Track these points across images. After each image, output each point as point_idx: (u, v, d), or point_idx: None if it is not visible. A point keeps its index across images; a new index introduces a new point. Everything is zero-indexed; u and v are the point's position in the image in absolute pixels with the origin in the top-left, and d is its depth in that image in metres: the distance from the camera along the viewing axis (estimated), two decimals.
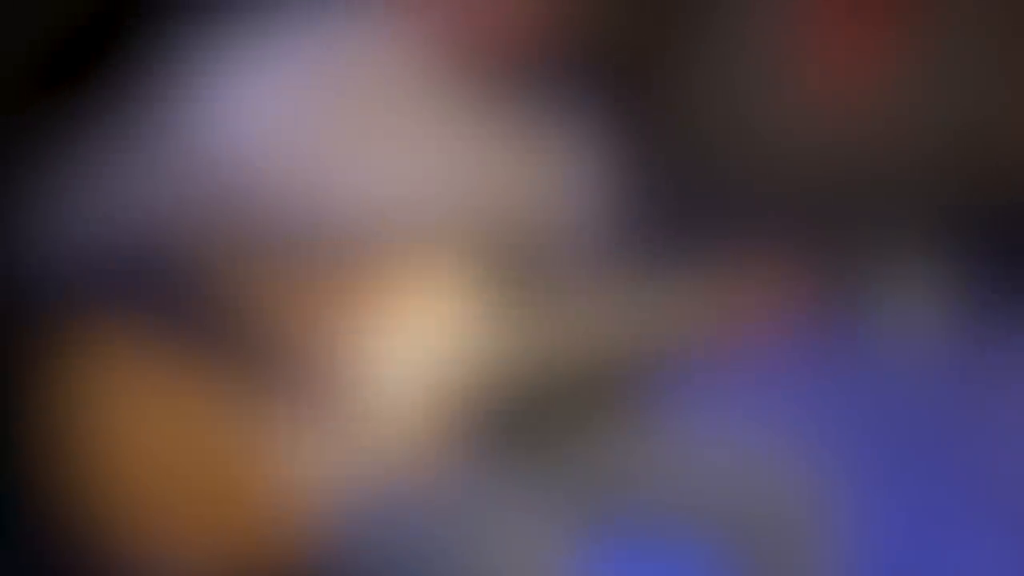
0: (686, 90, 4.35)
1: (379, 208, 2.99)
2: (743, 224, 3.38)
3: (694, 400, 3.40)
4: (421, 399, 2.93)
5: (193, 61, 3.07)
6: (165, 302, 2.98)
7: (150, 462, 3.04)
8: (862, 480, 3.35)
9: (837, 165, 3.70)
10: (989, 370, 3.42)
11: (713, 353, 2.96)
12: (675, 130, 4.41)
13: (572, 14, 2.94)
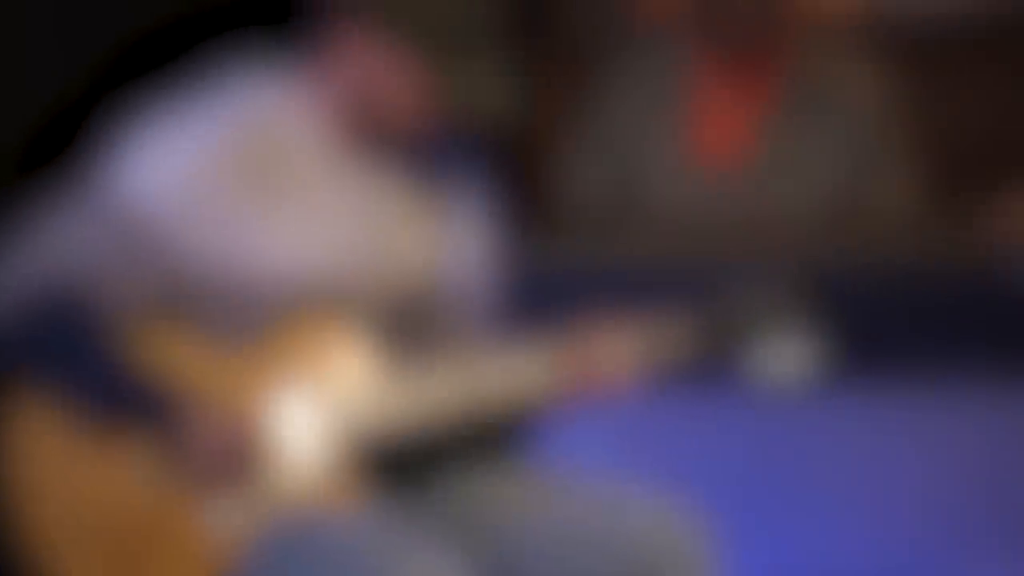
0: (572, 163, 4.33)
1: (284, 270, 2.89)
2: (621, 285, 3.37)
3: (566, 447, 3.38)
4: (323, 449, 2.87)
5: (118, 129, 3.00)
6: (79, 363, 2.89)
7: (71, 520, 2.92)
8: (727, 516, 3.33)
9: (714, 229, 3.70)
10: (851, 415, 3.44)
11: (584, 404, 2.96)
12: (560, 200, 4.37)
13: (470, 90, 2.93)
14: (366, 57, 2.91)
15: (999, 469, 3.33)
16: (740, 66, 3.90)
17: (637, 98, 3.95)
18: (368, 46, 2.90)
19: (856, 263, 3.36)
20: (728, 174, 3.90)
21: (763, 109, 3.89)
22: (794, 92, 3.89)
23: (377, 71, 2.91)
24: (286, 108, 2.95)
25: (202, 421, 2.86)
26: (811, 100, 3.89)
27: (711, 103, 3.91)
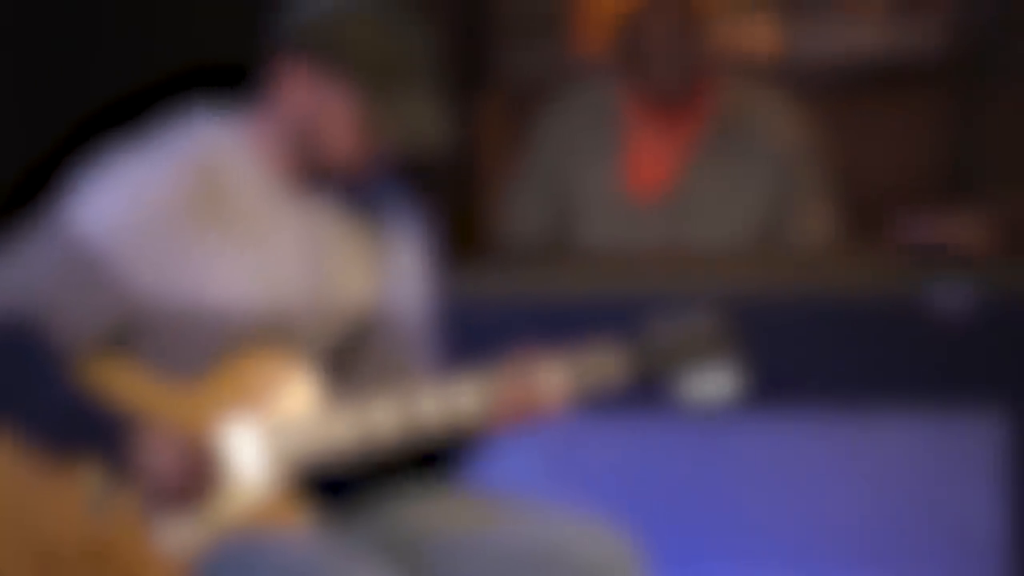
0: (510, 197, 4.31)
1: (231, 303, 2.87)
2: (554, 315, 3.36)
3: (501, 470, 3.37)
4: (269, 473, 2.84)
5: (78, 170, 2.96)
6: (33, 390, 2.84)
7: (19, 546, 2.88)
8: (654, 537, 3.31)
9: (643, 261, 3.69)
10: (771, 439, 3.43)
11: (517, 430, 2.95)
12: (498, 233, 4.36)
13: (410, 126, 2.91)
14: (308, 95, 2.86)
15: (918, 492, 3.32)
16: (666, 107, 3.90)
17: (572, 136, 3.95)
18: (310, 84, 2.86)
19: (777, 293, 3.35)
20: (656, 208, 3.89)
21: (688, 147, 3.89)
22: (717, 131, 3.89)
23: (318, 108, 2.86)
24: (232, 146, 2.91)
25: (155, 447, 2.81)
26: (733, 138, 3.90)
27: (640, 141, 3.91)
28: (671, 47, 3.82)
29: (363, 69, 2.84)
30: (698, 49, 3.82)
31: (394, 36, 2.85)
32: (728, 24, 4.29)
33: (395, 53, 2.84)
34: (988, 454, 3.30)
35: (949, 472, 3.31)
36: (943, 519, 3.32)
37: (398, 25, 2.85)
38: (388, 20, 2.85)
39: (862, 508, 3.33)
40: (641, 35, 3.83)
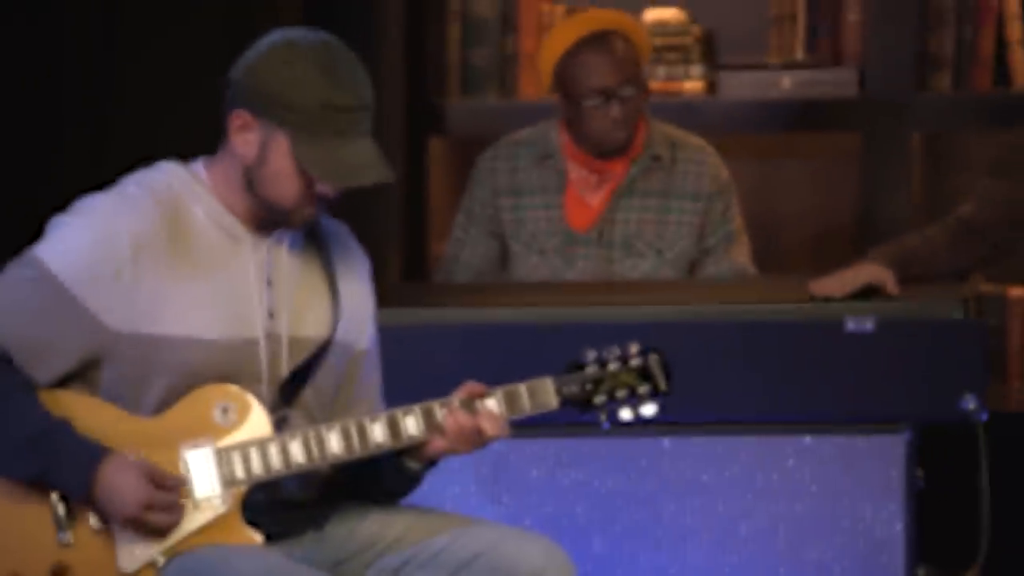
0: (457, 234, 4.27)
1: (189, 336, 2.83)
2: (495, 343, 3.34)
3: (443, 489, 3.35)
4: (225, 493, 2.82)
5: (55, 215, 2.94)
6: (3, 417, 2.82)
7: None
8: (586, 548, 3.30)
9: (578, 293, 3.67)
10: (694, 458, 3.41)
11: (458, 452, 2.93)
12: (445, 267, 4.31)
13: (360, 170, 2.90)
14: (255, 144, 2.86)
15: (830, 500, 3.31)
16: (601, 156, 3.89)
17: (514, 176, 3.94)
18: (256, 135, 2.85)
19: (700, 320, 3.34)
20: (590, 242, 3.89)
21: (619, 186, 3.89)
22: (646, 170, 3.89)
23: (263, 156, 2.85)
24: (194, 192, 2.90)
25: (118, 472, 2.79)
26: (661, 177, 3.89)
27: (576, 181, 3.91)
28: (608, 126, 3.83)
29: (300, 119, 2.83)
30: (630, 112, 3.83)
31: (328, 87, 2.83)
32: (660, 70, 4.30)
33: (330, 104, 2.82)
34: (891, 466, 3.28)
35: (857, 482, 3.30)
36: (849, 534, 3.31)
37: (332, 76, 2.83)
38: (326, 74, 2.83)
39: (777, 520, 3.32)
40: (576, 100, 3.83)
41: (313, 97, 2.81)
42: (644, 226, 3.85)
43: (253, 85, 2.84)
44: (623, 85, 3.77)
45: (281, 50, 2.84)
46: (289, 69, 2.82)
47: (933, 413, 3.29)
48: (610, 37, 3.80)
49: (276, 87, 2.83)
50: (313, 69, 2.82)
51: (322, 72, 2.82)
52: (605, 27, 3.82)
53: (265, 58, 2.84)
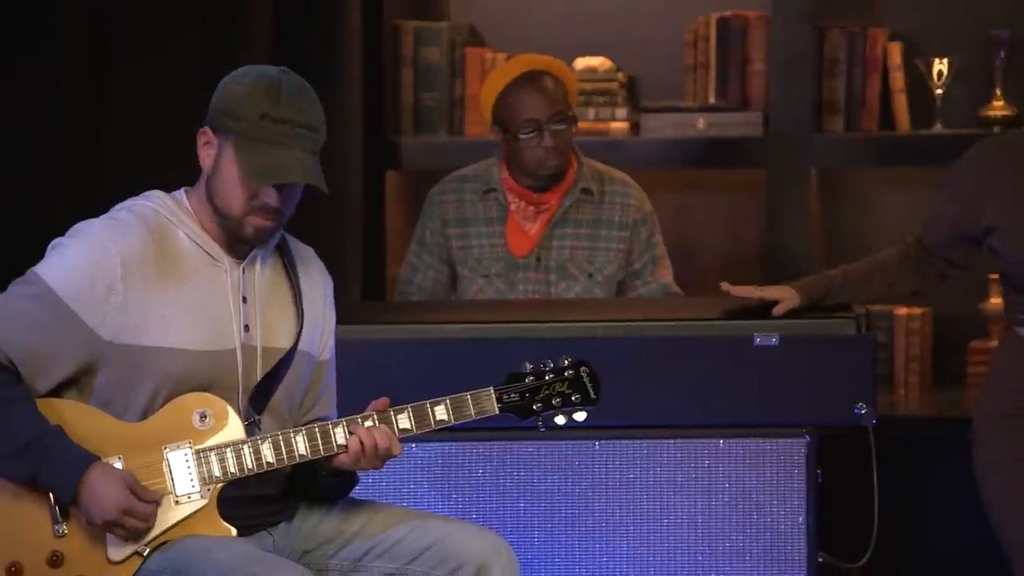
0: (411, 259, 4.21)
1: (171, 347, 2.81)
2: (443, 356, 3.31)
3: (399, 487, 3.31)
4: (202, 490, 2.80)
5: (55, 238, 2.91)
6: (3, 422, 2.79)
7: None
8: (526, 538, 3.27)
9: (516, 311, 3.65)
10: (620, 457, 3.39)
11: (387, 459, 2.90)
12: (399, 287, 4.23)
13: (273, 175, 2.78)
14: (211, 158, 2.84)
15: (741, 495, 3.30)
16: (537, 188, 3.88)
17: (462, 207, 3.93)
18: (214, 150, 2.84)
19: (626, 336, 3.33)
20: (528, 266, 3.88)
21: (554, 215, 3.88)
22: (578, 201, 3.88)
23: (216, 167, 2.83)
24: (177, 216, 2.88)
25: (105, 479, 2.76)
26: (590, 207, 3.88)
27: (516, 211, 3.89)
28: (541, 156, 3.81)
29: (241, 127, 2.80)
30: (561, 144, 3.81)
31: (267, 101, 2.80)
32: (589, 112, 4.29)
33: (268, 115, 2.79)
34: (794, 466, 3.26)
35: (765, 480, 3.27)
36: (757, 527, 3.28)
37: (274, 93, 2.81)
38: (270, 92, 2.81)
39: (694, 515, 3.29)
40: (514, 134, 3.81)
41: (255, 108, 2.80)
42: (576, 252, 3.84)
43: (213, 104, 2.85)
44: (553, 118, 3.76)
45: (238, 75, 2.85)
46: (240, 87, 2.82)
47: (830, 418, 3.27)
48: (541, 76, 3.78)
49: (227, 102, 2.82)
50: (260, 87, 2.81)
51: (267, 89, 2.81)
52: (537, 68, 3.80)
53: (225, 83, 2.85)
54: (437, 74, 4.38)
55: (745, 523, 3.28)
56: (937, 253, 3.21)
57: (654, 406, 3.29)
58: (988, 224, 3.12)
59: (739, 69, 4.29)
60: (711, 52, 4.29)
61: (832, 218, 4.33)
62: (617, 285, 3.85)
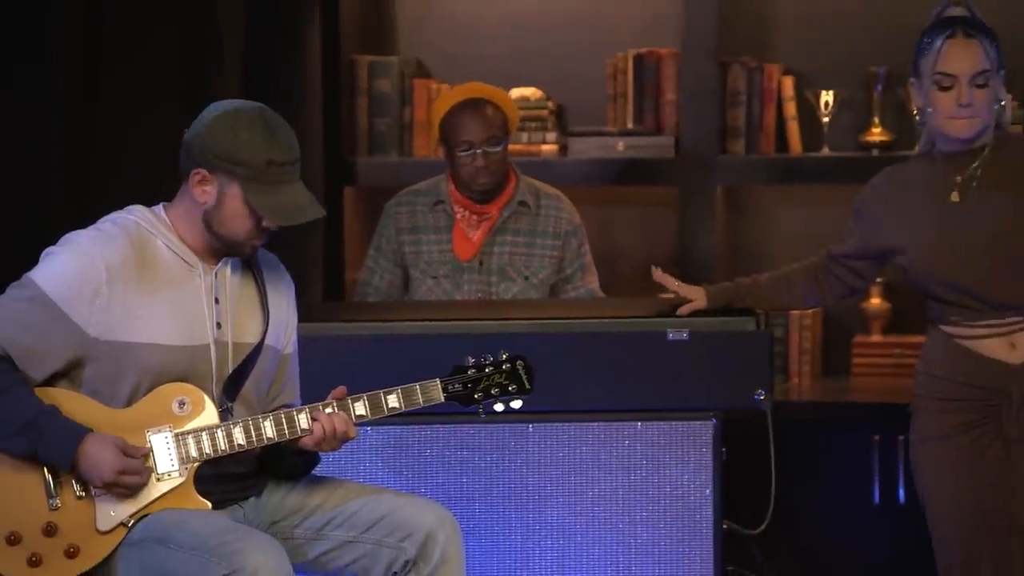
0: (368, 264, 4.17)
1: (154, 343, 2.80)
2: (395, 351, 3.29)
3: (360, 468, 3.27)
4: (181, 468, 2.80)
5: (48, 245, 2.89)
6: (6, 404, 2.76)
7: None
8: (469, 515, 3.24)
9: (461, 310, 3.62)
10: (552, 440, 3.37)
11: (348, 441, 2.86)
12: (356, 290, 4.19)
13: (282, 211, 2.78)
14: (212, 194, 2.83)
15: (655, 473, 3.29)
16: (479, 201, 3.87)
17: (414, 219, 3.90)
18: (213, 186, 2.82)
19: (557, 332, 3.32)
20: (472, 270, 3.86)
21: (494, 226, 3.86)
22: (515, 214, 3.87)
23: (220, 202, 2.83)
24: (158, 229, 2.87)
25: (97, 447, 2.76)
26: (526, 219, 3.87)
27: (461, 222, 3.87)
28: (473, 172, 3.79)
29: (249, 173, 2.81)
30: (492, 164, 3.80)
31: (269, 147, 2.82)
32: (523, 136, 4.28)
33: (270, 159, 2.81)
34: (703, 445, 3.26)
35: (677, 458, 3.27)
36: (670, 499, 3.29)
37: (272, 138, 2.82)
38: (266, 137, 2.82)
39: (615, 488, 3.28)
40: (456, 152, 3.80)
41: (259, 156, 2.81)
42: (514, 257, 3.83)
43: (208, 148, 2.82)
44: (486, 141, 3.74)
45: (227, 118, 2.82)
46: (235, 134, 2.81)
47: (733, 404, 3.27)
48: (483, 104, 3.76)
49: (227, 149, 2.81)
50: (257, 134, 2.81)
51: (263, 135, 2.81)
52: (480, 96, 3.78)
53: (215, 126, 2.82)
54: (389, 102, 4.36)
55: (659, 495, 3.27)
56: (845, 263, 3.15)
57: (581, 393, 3.28)
58: (891, 246, 3.08)
59: (653, 99, 4.30)
60: (629, 84, 4.29)
61: (735, 229, 4.34)
62: (550, 288, 3.84)
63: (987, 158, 3.01)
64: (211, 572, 2.70)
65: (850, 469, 3.14)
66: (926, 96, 3.01)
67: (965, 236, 2.99)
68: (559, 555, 3.29)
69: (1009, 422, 2.98)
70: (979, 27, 3.00)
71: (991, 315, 2.99)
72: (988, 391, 3.00)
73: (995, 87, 2.99)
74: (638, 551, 3.27)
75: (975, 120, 2.98)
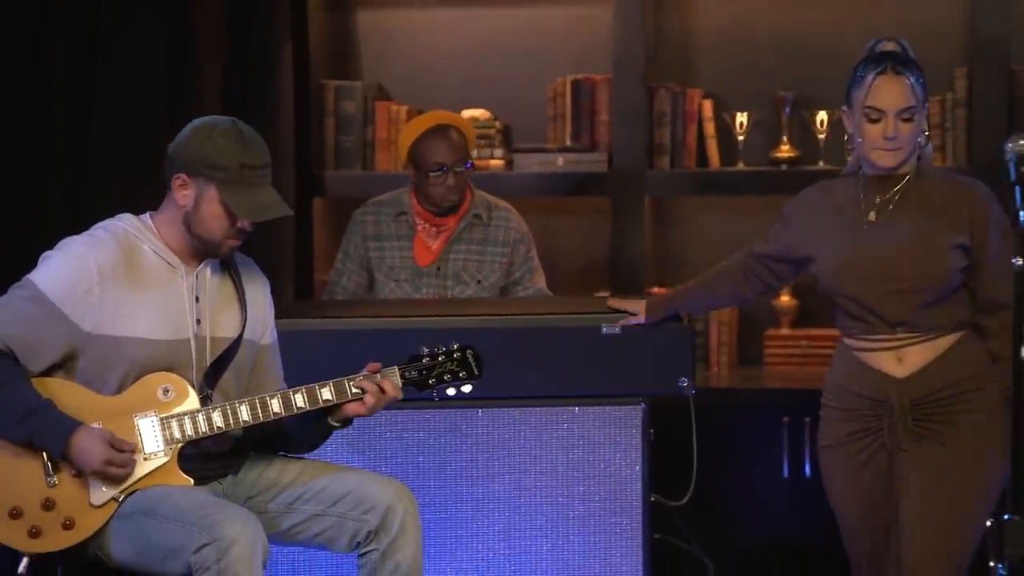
0: (337, 267, 4.14)
1: (140, 338, 2.78)
2: (361, 344, 3.25)
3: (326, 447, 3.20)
4: (166, 448, 2.78)
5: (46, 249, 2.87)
6: (6, 395, 2.74)
7: None
8: (426, 492, 3.23)
9: (420, 308, 3.60)
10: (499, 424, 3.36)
11: None
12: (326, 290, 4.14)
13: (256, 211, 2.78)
14: (191, 198, 2.83)
15: (590, 455, 3.29)
16: (439, 214, 3.85)
17: (378, 227, 3.88)
18: (193, 191, 2.82)
19: (507, 327, 3.31)
20: (431, 274, 3.84)
21: (451, 234, 3.85)
22: (469, 224, 3.86)
23: (198, 205, 2.82)
24: (144, 234, 2.86)
25: (87, 438, 2.74)
26: (479, 228, 3.86)
27: (421, 231, 3.86)
28: (445, 191, 3.77)
29: (225, 176, 2.81)
30: (460, 183, 3.79)
31: (242, 153, 2.81)
32: (473, 152, 4.28)
33: (243, 163, 2.80)
34: (633, 427, 3.27)
35: (610, 439, 3.28)
36: (604, 475, 3.30)
37: (244, 145, 2.82)
38: (239, 143, 2.82)
39: (555, 466, 3.29)
40: (422, 172, 3.78)
41: (233, 160, 2.80)
42: (468, 264, 3.82)
43: (188, 154, 2.82)
44: (456, 163, 3.73)
45: (204, 128, 2.82)
46: (212, 142, 2.81)
47: (660, 390, 3.28)
48: (449, 129, 3.75)
49: (204, 154, 2.81)
50: (231, 141, 2.81)
51: (237, 142, 2.81)
52: (446, 122, 3.77)
53: (194, 135, 2.82)
54: (353, 122, 4.34)
55: (594, 472, 3.28)
56: (765, 263, 3.11)
57: (524, 382, 3.28)
58: (808, 255, 3.03)
59: (589, 119, 4.30)
60: (567, 106, 4.30)
61: (661, 235, 4.35)
62: (500, 290, 3.84)
63: (907, 185, 2.96)
64: (193, 541, 2.68)
65: (762, 447, 3.15)
66: (856, 126, 2.95)
67: (871, 255, 2.95)
68: (505, 525, 3.29)
69: (891, 432, 2.93)
70: (908, 64, 2.94)
71: (886, 330, 2.94)
72: (874, 401, 2.95)
73: (919, 121, 2.93)
74: (576, 521, 3.27)
75: (899, 152, 2.93)
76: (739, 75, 4.27)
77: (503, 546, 3.28)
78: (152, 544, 2.73)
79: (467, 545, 3.29)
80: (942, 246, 2.92)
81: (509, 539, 3.28)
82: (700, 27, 4.29)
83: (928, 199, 2.97)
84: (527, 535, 3.27)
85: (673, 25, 4.30)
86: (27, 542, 2.76)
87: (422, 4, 4.36)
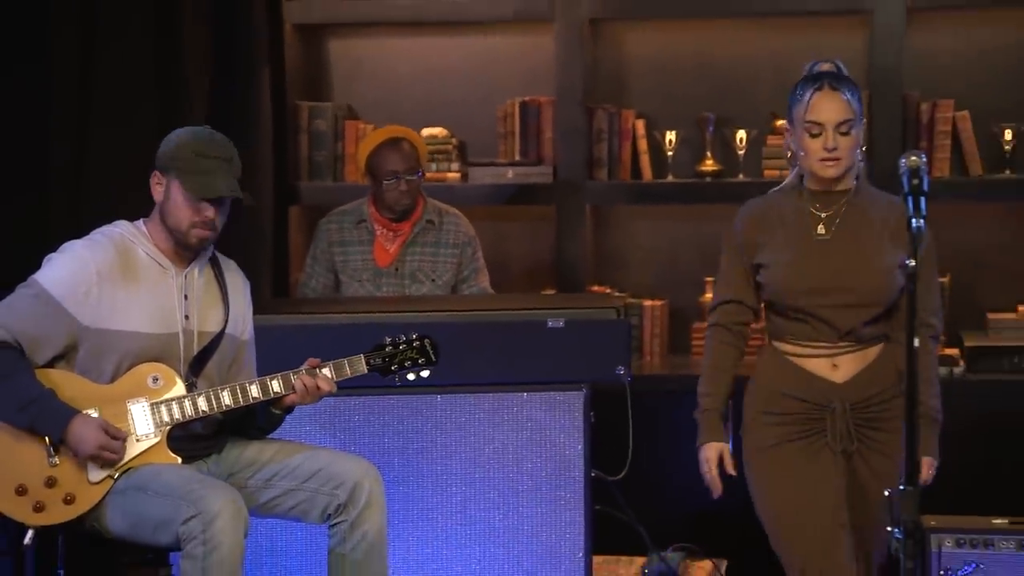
0: (307, 269, 4.11)
1: (134, 332, 2.78)
2: (330, 336, 3.25)
3: (299, 428, 3.22)
4: (155, 430, 2.77)
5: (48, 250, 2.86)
6: (9, 384, 2.72)
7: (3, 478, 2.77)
8: (389, 471, 3.22)
9: (382, 304, 3.59)
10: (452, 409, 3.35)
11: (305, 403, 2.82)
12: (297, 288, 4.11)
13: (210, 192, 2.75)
14: (163, 193, 2.82)
15: (537, 438, 3.29)
16: (395, 220, 3.84)
17: (342, 233, 3.87)
18: (164, 187, 2.82)
19: (459, 321, 3.31)
20: (389, 274, 3.83)
21: (407, 239, 3.85)
22: (424, 229, 3.86)
23: (168, 199, 2.81)
24: (137, 237, 2.85)
25: (83, 425, 2.73)
26: (433, 233, 3.86)
27: (381, 235, 3.85)
28: (398, 196, 3.77)
29: (182, 164, 2.80)
30: (412, 189, 3.79)
31: (197, 144, 2.81)
32: (432, 166, 4.27)
33: (197, 151, 2.80)
34: (575, 411, 3.28)
35: (555, 421, 3.29)
36: (550, 453, 3.30)
37: (203, 139, 2.81)
38: (197, 138, 2.81)
39: (507, 445, 3.29)
40: (378, 181, 3.78)
41: (189, 150, 2.80)
42: (423, 264, 3.82)
43: (159, 155, 2.84)
44: (407, 171, 3.73)
45: (175, 132, 2.85)
46: (177, 139, 2.83)
47: (600, 377, 3.28)
48: (401, 141, 3.75)
49: (168, 150, 2.82)
50: (191, 137, 2.82)
51: (195, 137, 2.82)
52: (399, 135, 3.77)
53: (166, 140, 2.84)
54: (325, 139, 4.33)
55: (541, 451, 3.29)
56: (740, 302, 2.93)
57: (478, 370, 3.28)
58: (759, 261, 2.92)
59: (535, 136, 4.31)
60: (516, 124, 4.30)
61: (600, 239, 4.36)
62: (451, 288, 3.84)
63: (849, 200, 2.88)
64: (181, 513, 2.68)
65: (691, 427, 3.16)
66: (798, 142, 2.86)
67: (820, 268, 2.85)
68: (462, 499, 3.29)
69: (833, 435, 2.83)
70: (844, 81, 2.87)
71: (831, 339, 2.85)
72: (812, 405, 2.86)
73: (857, 135, 2.86)
74: (525, 495, 3.28)
75: (840, 163, 2.84)
76: (668, 98, 4.30)
77: (460, 517, 3.29)
78: (144, 517, 2.72)
79: (427, 517, 3.29)
80: (892, 265, 2.84)
81: (465, 511, 3.28)
82: (633, 55, 4.31)
83: (871, 216, 2.88)
84: (481, 507, 3.28)
85: (609, 53, 4.32)
86: (32, 516, 2.75)
87: (388, 33, 4.36)
